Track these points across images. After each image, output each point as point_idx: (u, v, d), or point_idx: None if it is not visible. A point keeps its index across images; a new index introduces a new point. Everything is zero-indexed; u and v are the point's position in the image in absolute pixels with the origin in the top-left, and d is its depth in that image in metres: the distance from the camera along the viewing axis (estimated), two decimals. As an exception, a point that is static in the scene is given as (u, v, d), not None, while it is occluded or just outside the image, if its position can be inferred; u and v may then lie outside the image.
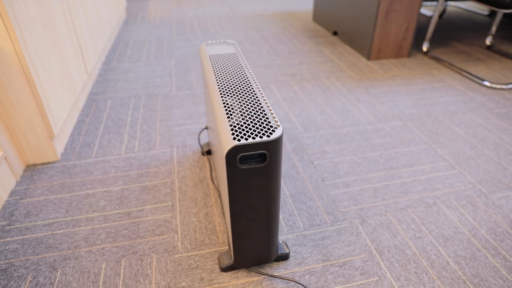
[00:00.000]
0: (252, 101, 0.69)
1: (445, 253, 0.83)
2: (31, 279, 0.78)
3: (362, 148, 1.19)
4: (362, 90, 1.56)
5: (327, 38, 2.19)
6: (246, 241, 0.72)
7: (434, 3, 2.88)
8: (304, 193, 1.01)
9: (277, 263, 0.81)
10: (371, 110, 1.41)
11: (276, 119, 0.63)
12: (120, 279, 0.78)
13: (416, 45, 2.09)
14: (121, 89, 1.59)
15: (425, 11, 2.78)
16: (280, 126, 0.61)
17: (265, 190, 0.64)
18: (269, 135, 0.59)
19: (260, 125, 0.61)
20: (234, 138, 0.58)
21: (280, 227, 0.90)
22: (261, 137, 0.58)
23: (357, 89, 1.58)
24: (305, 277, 0.78)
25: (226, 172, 0.60)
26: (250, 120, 0.63)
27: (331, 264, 0.81)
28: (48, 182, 1.05)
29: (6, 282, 0.78)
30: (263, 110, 0.65)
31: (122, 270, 0.80)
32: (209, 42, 1.02)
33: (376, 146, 1.20)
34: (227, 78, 0.79)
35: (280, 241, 0.84)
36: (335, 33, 2.21)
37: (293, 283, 0.76)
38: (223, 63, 0.87)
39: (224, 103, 0.68)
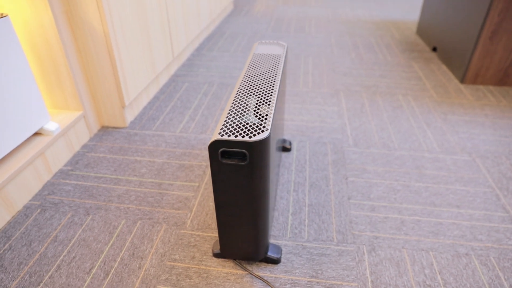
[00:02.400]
0: (259, 103, 0.71)
1: (452, 311, 0.73)
2: (69, 216, 0.95)
3: (408, 175, 1.09)
4: (438, 115, 1.41)
5: (423, 53, 2.00)
6: (231, 233, 0.75)
7: None
8: (323, 206, 0.98)
9: (266, 264, 0.82)
10: (439, 138, 1.27)
11: (269, 123, 0.64)
12: (130, 237, 0.89)
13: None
14: (200, 75, 1.74)
15: None
16: (267, 130, 0.62)
17: (248, 188, 0.66)
18: (251, 136, 0.61)
19: (249, 126, 0.63)
20: (219, 133, 0.62)
21: (284, 231, 0.91)
22: (243, 136, 0.61)
23: (433, 112, 1.42)
24: (285, 286, 0.77)
25: (209, 163, 0.64)
26: (243, 120, 0.65)
27: (317, 282, 0.78)
28: (111, 143, 1.24)
29: (53, 213, 0.96)
30: (261, 113, 0.67)
31: (134, 230, 0.91)
32: (263, 41, 1.05)
33: (426, 177, 1.09)
34: (254, 78, 0.82)
35: (274, 244, 0.84)
36: (434, 49, 2.01)
37: (270, 286, 0.77)
38: (261, 63, 0.90)
39: (234, 100, 0.72)
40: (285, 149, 1.19)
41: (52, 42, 1.07)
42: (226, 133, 0.62)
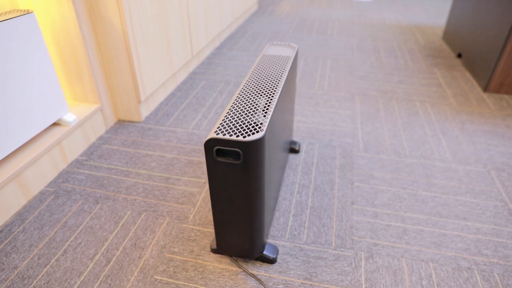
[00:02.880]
0: (259, 103, 0.72)
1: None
2: (80, 204, 1.00)
3: (416, 183, 1.07)
4: (455, 123, 1.37)
5: (447, 59, 1.95)
6: (227, 230, 0.76)
7: None
8: (325, 210, 0.98)
9: (261, 263, 0.83)
10: (454, 147, 1.24)
11: (265, 124, 0.65)
12: (133, 227, 0.92)
13: None
14: (218, 73, 1.77)
15: None
16: (262, 131, 0.63)
17: (242, 187, 0.68)
18: (245, 136, 0.62)
19: (245, 126, 0.65)
20: (215, 132, 0.63)
21: (283, 232, 0.91)
22: (237, 136, 0.62)
23: (451, 121, 1.38)
24: (278, 286, 0.78)
25: (205, 160, 0.66)
26: (241, 120, 0.66)
27: (310, 285, 0.78)
28: (125, 137, 1.28)
29: (65, 200, 1.01)
30: (258, 114, 0.68)
31: (138, 221, 0.94)
32: (274, 43, 1.06)
33: (434, 187, 1.06)
34: (259, 78, 0.83)
35: (271, 244, 0.85)
36: (459, 56, 1.94)
37: (263, 286, 0.78)
38: (269, 64, 0.91)
39: (235, 100, 0.74)
40: (293, 150, 1.19)
41: (74, 38, 1.12)
42: (222, 132, 0.63)
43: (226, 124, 0.65)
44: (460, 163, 1.16)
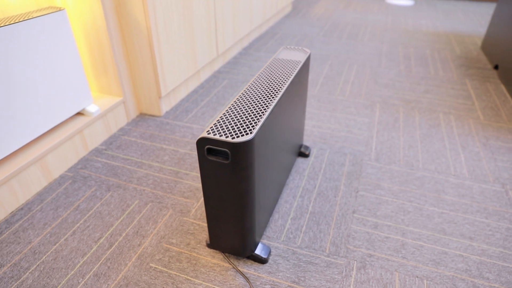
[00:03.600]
0: (255, 107, 0.74)
1: None
2: (93, 190, 1.07)
3: (424, 198, 1.04)
4: (479, 139, 1.31)
5: (482, 70, 1.85)
6: (218, 227, 0.79)
7: None
8: (325, 216, 0.98)
9: (252, 262, 0.85)
10: (473, 163, 1.18)
11: (255, 127, 0.67)
12: (138, 216, 0.98)
13: None
14: (242, 73, 1.80)
15: None
16: (252, 134, 0.65)
17: (231, 187, 0.70)
18: (234, 137, 0.64)
19: (236, 128, 0.67)
20: (207, 131, 0.66)
21: (279, 234, 0.92)
22: (227, 137, 0.64)
23: (474, 135, 1.32)
24: (265, 286, 0.80)
25: (198, 157, 0.69)
26: (234, 121, 0.69)
27: (297, 288, 0.79)
28: (144, 130, 1.34)
29: (80, 185, 1.08)
30: (252, 117, 0.70)
31: (144, 211, 0.99)
32: (288, 46, 1.07)
33: (443, 202, 1.03)
34: (263, 81, 0.85)
35: (264, 244, 0.87)
36: (495, 67, 1.84)
37: (250, 285, 0.80)
38: (278, 68, 0.93)
39: (234, 101, 0.76)
40: (303, 154, 1.20)
41: (101, 34, 1.20)
42: (213, 132, 0.66)
43: (219, 125, 0.68)
44: (476, 181, 1.11)
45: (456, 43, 2.24)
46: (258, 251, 0.85)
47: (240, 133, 0.65)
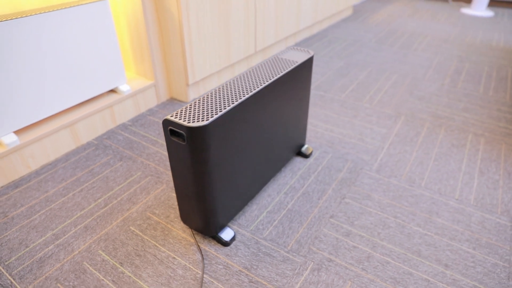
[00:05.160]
0: (227, 97, 0.80)
1: None
2: (108, 158, 1.22)
3: (412, 216, 1.00)
4: (504, 166, 1.19)
5: (543, 95, 1.65)
6: (184, 203, 0.87)
7: None
8: (301, 215, 1.00)
9: (215, 242, 0.92)
10: (484, 191, 1.09)
11: (215, 116, 0.73)
12: (136, 186, 1.10)
13: None
14: (276, 72, 1.84)
15: None
16: (207, 121, 0.71)
17: (189, 168, 0.77)
18: (190, 122, 0.71)
19: (198, 114, 0.73)
20: (171, 114, 0.74)
21: (250, 223, 0.97)
22: (184, 121, 0.72)
23: (501, 162, 1.21)
24: (218, 266, 0.86)
25: (164, 137, 0.77)
26: (200, 108, 0.75)
27: (246, 275, 0.84)
28: (168, 111, 1.48)
29: (100, 153, 1.24)
30: (218, 106, 0.76)
31: (142, 182, 1.11)
32: (293, 47, 1.10)
33: (431, 225, 0.97)
34: (250, 77, 0.90)
35: (230, 229, 0.92)
36: (560, 93, 1.62)
37: (205, 260, 0.86)
38: (270, 66, 0.97)
39: (215, 90, 0.83)
40: (302, 155, 1.22)
41: (139, 23, 1.35)
42: (176, 115, 0.73)
43: (185, 109, 0.75)
44: (480, 209, 1.03)
45: (526, 62, 2.01)
46: (222, 233, 0.91)
47: (197, 119, 0.72)
